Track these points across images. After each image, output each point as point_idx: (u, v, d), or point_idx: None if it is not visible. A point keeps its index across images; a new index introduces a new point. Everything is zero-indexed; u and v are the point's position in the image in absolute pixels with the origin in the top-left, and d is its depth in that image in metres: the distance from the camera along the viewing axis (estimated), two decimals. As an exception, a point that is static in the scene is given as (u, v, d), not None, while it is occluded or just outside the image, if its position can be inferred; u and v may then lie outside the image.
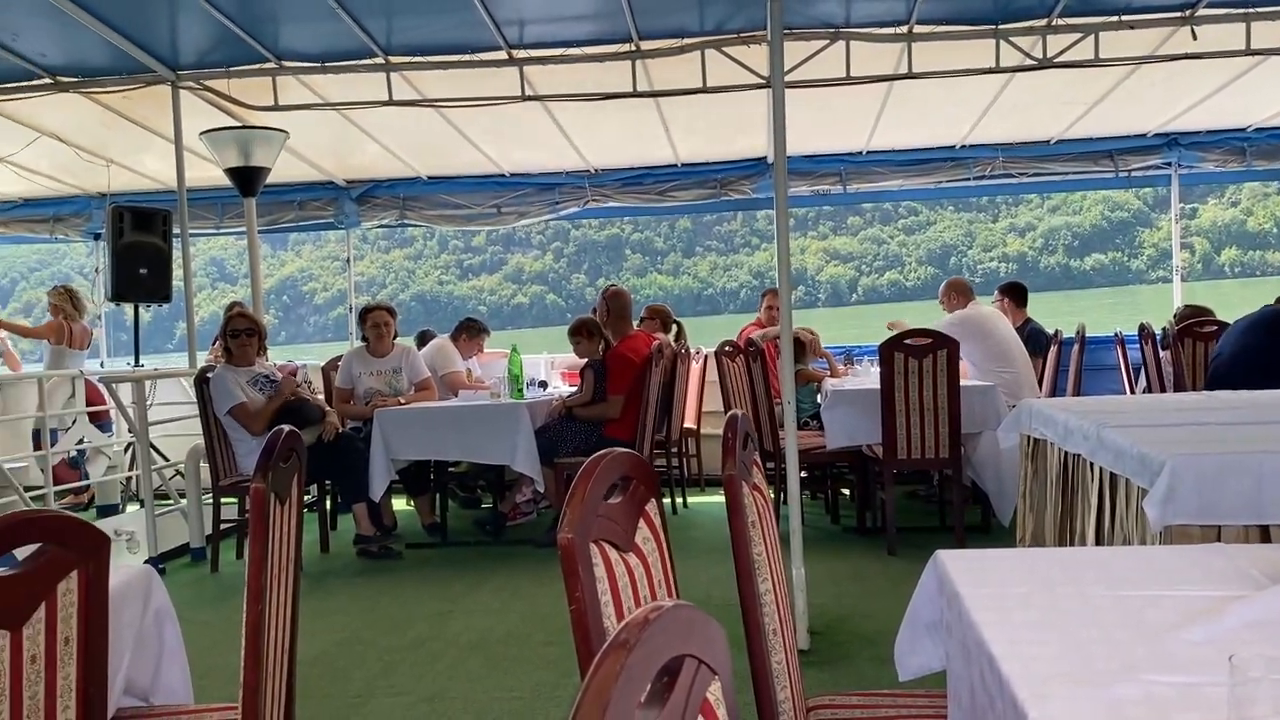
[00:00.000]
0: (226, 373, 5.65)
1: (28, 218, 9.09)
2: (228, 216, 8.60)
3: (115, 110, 6.67)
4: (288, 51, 5.86)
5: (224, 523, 5.73)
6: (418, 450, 5.74)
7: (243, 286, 38.68)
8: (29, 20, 5.46)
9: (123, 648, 2.02)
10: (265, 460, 1.96)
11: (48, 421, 6.92)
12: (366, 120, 6.96)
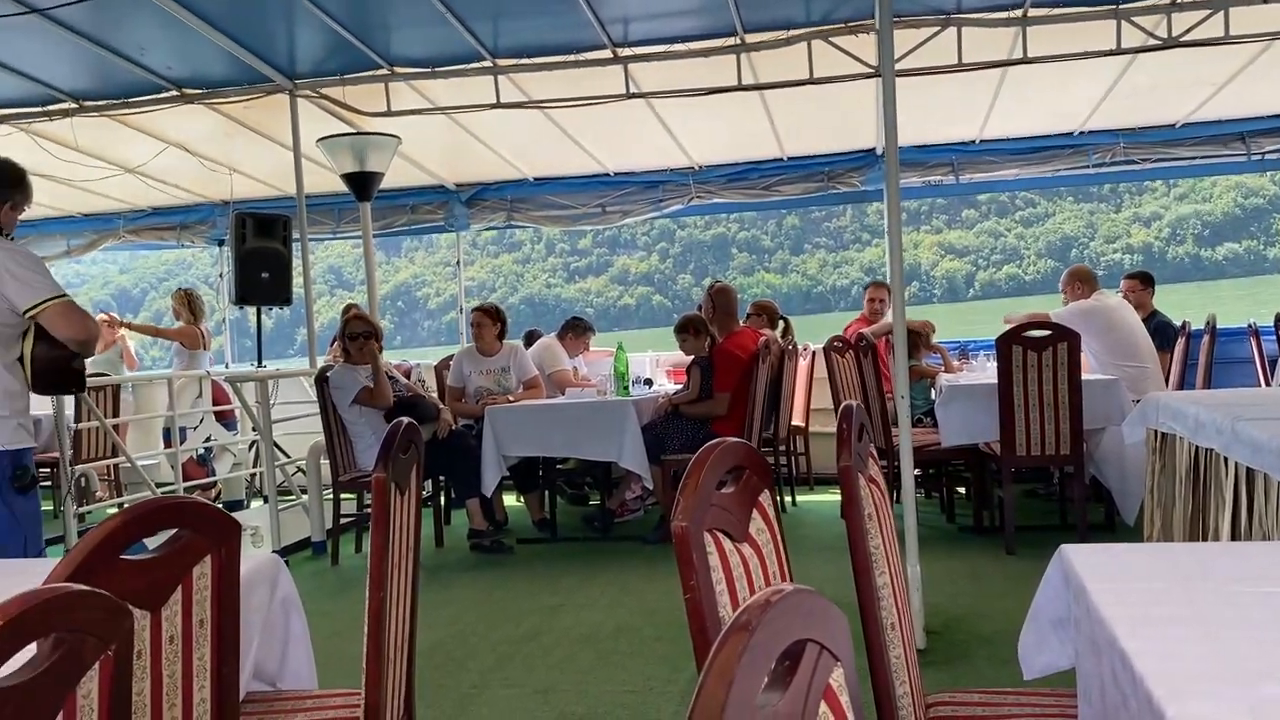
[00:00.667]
0: (344, 371, 5.82)
1: (157, 226, 9.51)
2: (344, 221, 8.86)
3: (236, 120, 6.93)
4: (399, 57, 6.00)
5: (343, 517, 5.91)
6: (527, 447, 5.82)
7: (359, 292, 39.90)
8: (156, 35, 5.71)
9: (252, 633, 2.09)
10: (386, 451, 2.00)
11: (177, 420, 7.24)
12: (474, 123, 7.09)
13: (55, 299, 3.16)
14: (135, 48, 5.77)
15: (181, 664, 1.54)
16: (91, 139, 7.05)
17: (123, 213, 9.28)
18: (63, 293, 3.19)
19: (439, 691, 3.57)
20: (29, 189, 3.40)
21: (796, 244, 59.42)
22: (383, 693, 1.97)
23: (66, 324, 3.18)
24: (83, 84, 6.36)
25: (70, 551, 1.35)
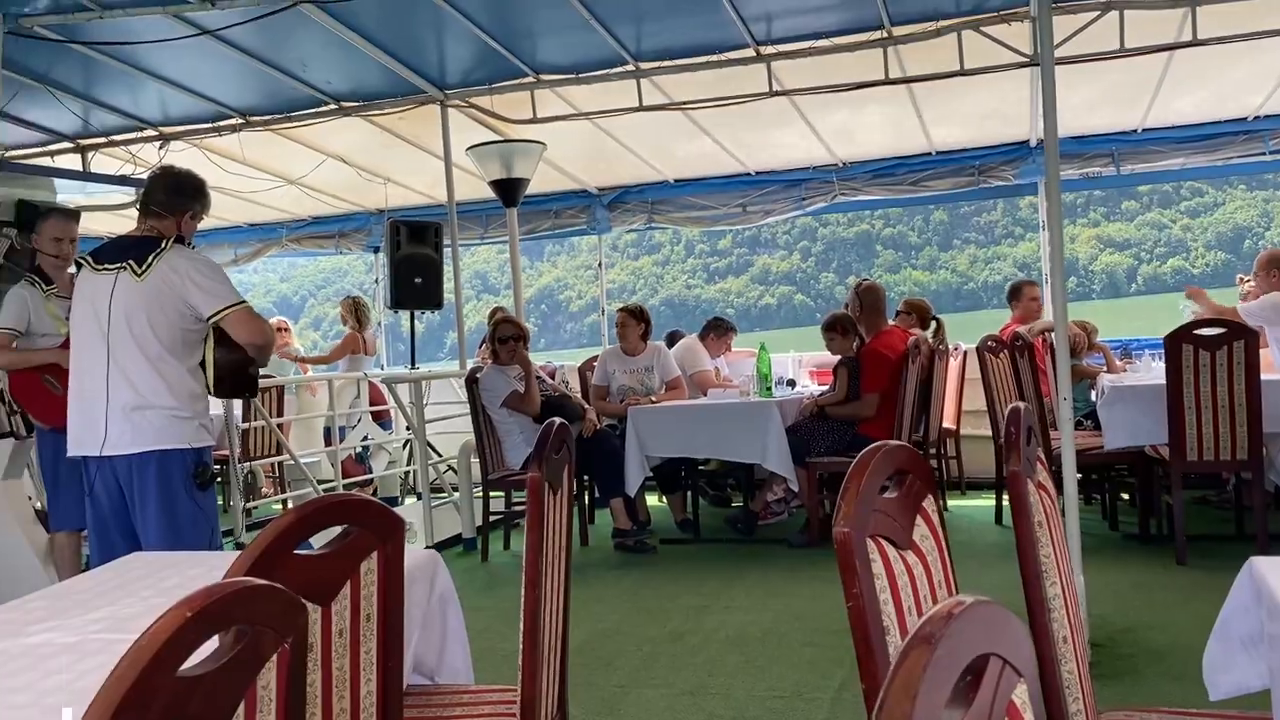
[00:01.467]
0: (494, 372, 5.95)
1: (316, 234, 9.96)
2: (490, 227, 9.08)
3: (390, 131, 7.20)
4: (545, 65, 6.11)
5: (493, 514, 6.05)
6: (670, 448, 5.83)
7: (504, 296, 40.86)
8: (317, 51, 5.98)
9: (412, 627, 2.14)
10: (540, 451, 2.03)
11: (336, 420, 7.56)
12: (616, 126, 7.15)
13: (236, 305, 3.32)
14: (298, 64, 6.05)
15: (349, 657, 1.59)
16: (257, 152, 7.43)
17: (285, 222, 9.75)
18: (242, 299, 3.36)
19: (587, 689, 3.60)
20: (208, 199, 3.59)
21: (945, 239, 57.36)
22: (538, 689, 2.00)
23: (246, 329, 3.35)
24: (249, 100, 6.71)
25: (248, 547, 1.41)
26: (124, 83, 6.37)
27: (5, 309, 4.56)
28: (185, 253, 3.37)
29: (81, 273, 3.42)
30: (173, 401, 3.31)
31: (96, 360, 3.31)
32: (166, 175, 3.57)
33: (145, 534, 3.29)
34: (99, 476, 3.33)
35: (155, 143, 7.13)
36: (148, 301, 3.28)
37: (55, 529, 4.77)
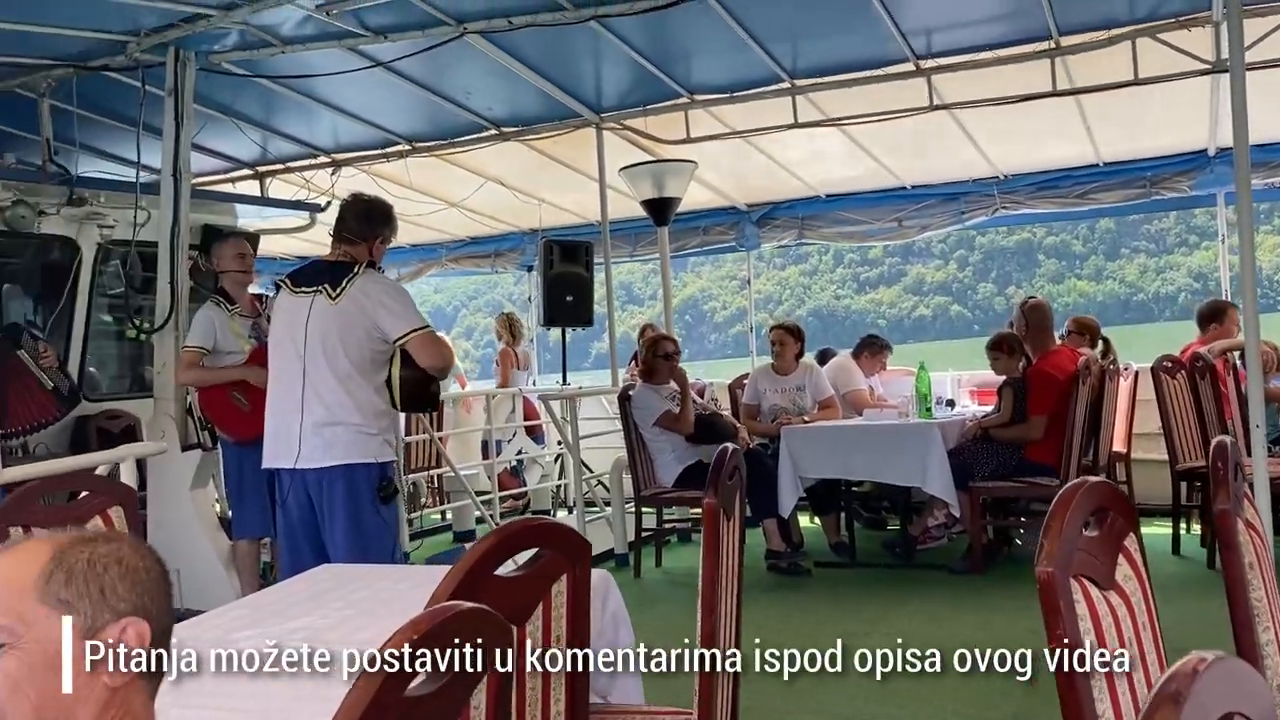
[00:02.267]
0: (646, 391, 6.01)
1: (473, 254, 10.28)
2: (640, 245, 9.17)
3: (546, 154, 7.38)
4: (699, 85, 6.16)
5: (644, 531, 6.10)
6: (825, 469, 5.76)
7: (649, 307, 41.01)
8: (480, 80, 6.19)
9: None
10: (716, 476, 2.04)
11: (493, 434, 7.78)
12: (767, 143, 7.14)
13: (420, 330, 3.49)
14: (462, 92, 6.27)
15: (541, 677, 1.63)
16: (422, 177, 7.73)
17: (444, 242, 10.09)
18: (426, 324, 3.52)
19: (747, 714, 3.57)
20: (395, 224, 3.77)
21: (1112, 248, 53.90)
22: (713, 712, 2.01)
23: (428, 352, 3.51)
24: (415, 127, 6.99)
25: (452, 568, 1.46)
26: (300, 113, 6.73)
27: (194, 329, 4.87)
28: (376, 278, 3.55)
29: (280, 295, 3.64)
30: (360, 418, 3.48)
31: (292, 378, 3.51)
32: (358, 203, 3.75)
33: (333, 544, 3.46)
34: (291, 488, 3.51)
35: (328, 169, 7.49)
36: (340, 323, 3.47)
37: (237, 537, 5.05)
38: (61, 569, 1.14)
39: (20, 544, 1.18)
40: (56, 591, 1.12)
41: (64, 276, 6.22)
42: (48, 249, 6.22)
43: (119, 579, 1.16)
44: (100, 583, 1.14)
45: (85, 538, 1.18)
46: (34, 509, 2.60)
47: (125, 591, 1.16)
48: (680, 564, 6.20)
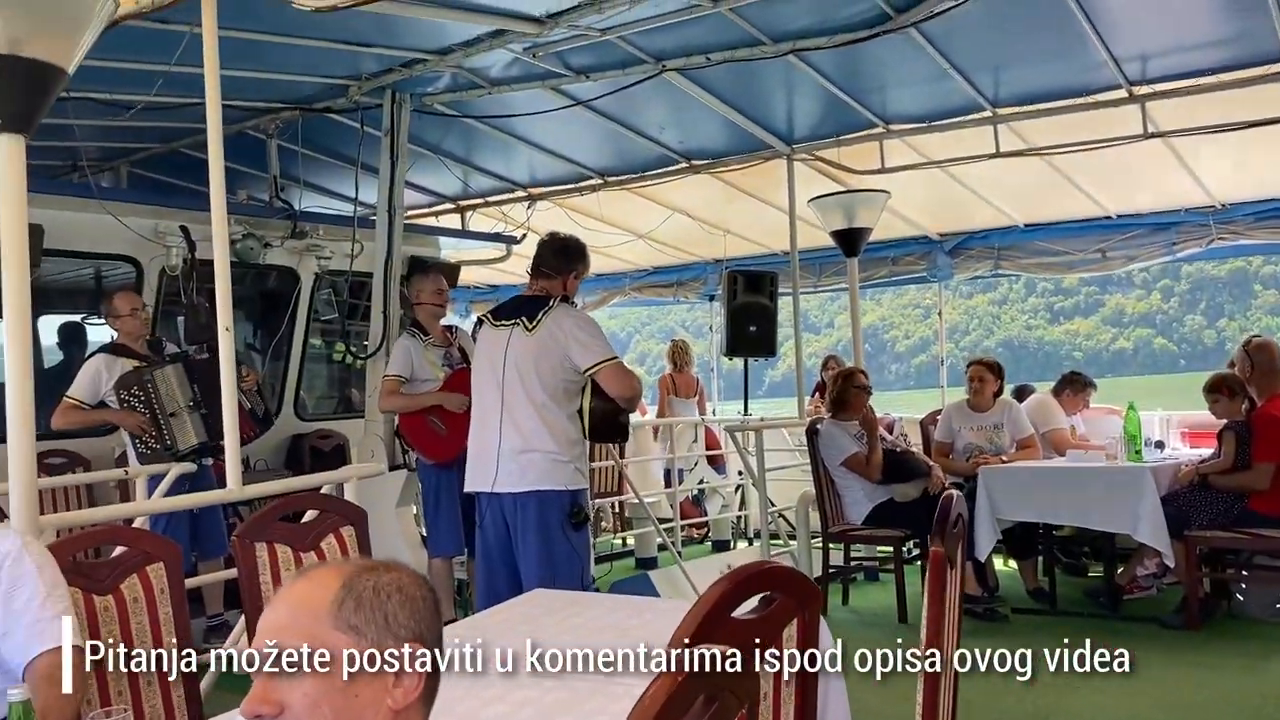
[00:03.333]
0: (834, 428, 5.92)
1: (655, 284, 10.42)
2: (825, 274, 9.08)
3: (734, 185, 7.42)
4: (895, 115, 6.08)
5: (831, 568, 6.00)
6: (1026, 512, 5.52)
7: (825, 335, 40.42)
8: (672, 114, 6.31)
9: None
10: (942, 525, 1.99)
11: (675, 463, 7.84)
12: (963, 172, 6.96)
13: (609, 361, 3.59)
14: (655, 127, 6.40)
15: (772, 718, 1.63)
16: (612, 209, 7.92)
17: (628, 272, 10.27)
18: (615, 355, 3.62)
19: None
20: (588, 260, 3.92)
21: (1339, 277, 49.19)
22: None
23: (618, 383, 3.61)
24: (607, 161, 7.18)
25: (691, 611, 1.48)
26: (499, 150, 7.02)
27: (394, 358, 5.14)
28: (569, 311, 3.68)
29: (483, 329, 3.82)
30: (554, 446, 3.61)
31: (492, 407, 3.67)
32: (554, 241, 3.91)
33: (525, 566, 3.58)
34: (488, 511, 3.67)
35: (524, 202, 7.78)
36: (535, 354, 3.61)
37: (433, 555, 5.27)
38: (351, 596, 1.22)
39: (313, 571, 1.27)
40: (347, 617, 1.21)
41: (284, 304, 6.68)
42: (271, 278, 6.70)
43: (400, 606, 1.23)
44: (384, 610, 1.22)
45: (370, 566, 1.27)
46: (276, 526, 2.79)
47: (406, 619, 1.23)
48: (868, 602, 6.07)
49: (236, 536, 2.74)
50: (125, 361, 4.99)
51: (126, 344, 5.07)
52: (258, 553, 2.73)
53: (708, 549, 8.08)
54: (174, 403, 4.98)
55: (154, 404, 4.90)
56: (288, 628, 1.20)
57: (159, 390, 4.91)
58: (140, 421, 4.88)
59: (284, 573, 2.78)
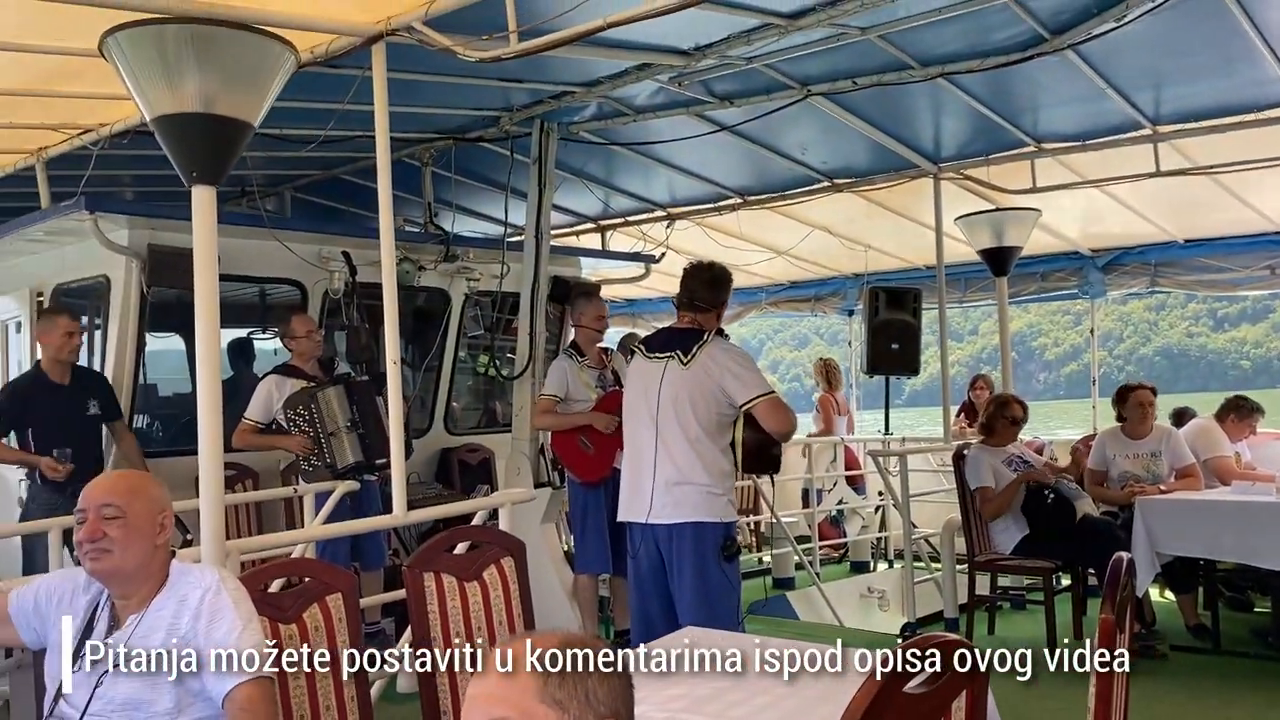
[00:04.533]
0: (982, 454, 5.78)
1: (793, 298, 10.38)
2: (970, 290, 8.88)
3: (878, 203, 7.34)
4: (1047, 134, 5.92)
5: (976, 596, 5.86)
6: (1187, 546, 5.28)
7: (968, 343, 39.10)
8: (815, 135, 6.28)
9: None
10: (1112, 591, 1.96)
11: (814, 482, 7.79)
12: (1118, 187, 6.71)
13: (765, 395, 3.61)
14: (797, 149, 6.39)
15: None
16: (750, 227, 7.93)
17: (765, 287, 10.26)
18: (771, 390, 3.64)
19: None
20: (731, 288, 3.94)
21: None
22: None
23: (774, 418, 3.63)
24: (747, 182, 7.20)
25: (864, 685, 1.50)
26: (639, 172, 7.13)
27: (550, 378, 5.29)
28: (723, 345, 3.72)
29: (635, 359, 3.89)
30: (708, 478, 3.65)
31: (646, 438, 3.73)
32: (703, 272, 3.91)
33: (680, 597, 3.64)
34: (643, 541, 3.73)
35: (663, 222, 7.87)
36: (690, 388, 3.66)
37: (579, 571, 5.39)
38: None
39: (518, 643, 1.35)
40: (553, 691, 1.28)
41: (436, 324, 6.94)
42: (423, 299, 6.97)
43: (598, 683, 1.30)
44: (586, 685, 1.29)
45: (570, 639, 1.34)
46: (443, 557, 2.93)
47: (604, 695, 1.30)
48: (1015, 632, 5.92)
49: (407, 567, 2.89)
50: (294, 382, 5.28)
51: (297, 365, 5.37)
52: (426, 582, 2.87)
53: (846, 569, 8.02)
54: (334, 423, 5.25)
55: (316, 423, 5.17)
56: (499, 698, 1.28)
57: (321, 410, 5.18)
58: (304, 444, 5.15)
59: (449, 601, 2.91)
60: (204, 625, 2.23)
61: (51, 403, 4.97)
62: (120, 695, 2.18)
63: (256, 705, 2.15)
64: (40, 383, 5.04)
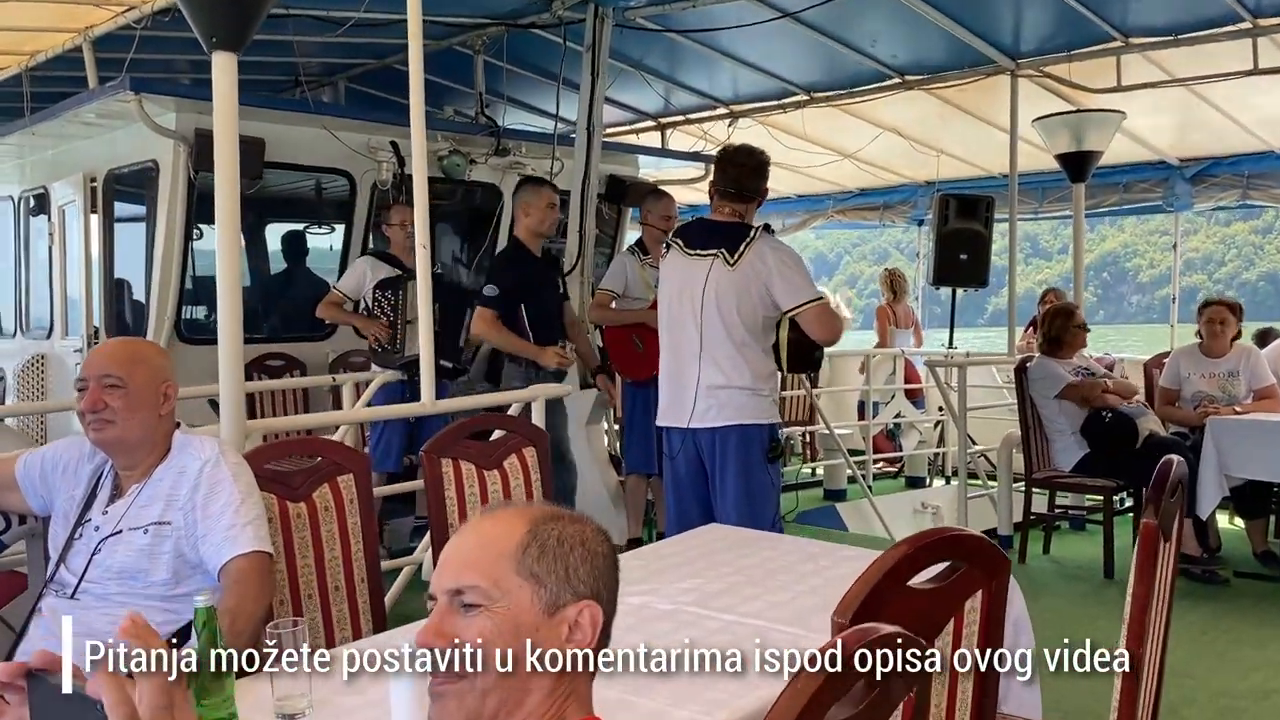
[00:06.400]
0: (1048, 362, 5.54)
1: (861, 206, 10.03)
2: (1048, 200, 8.48)
3: (951, 102, 6.97)
4: (1135, 27, 5.51)
5: (1032, 515, 5.68)
6: (1260, 469, 5.01)
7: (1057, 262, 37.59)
8: (886, 26, 5.96)
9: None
10: (1157, 493, 1.78)
11: (871, 395, 7.60)
12: (1211, 91, 6.27)
13: (814, 301, 3.45)
14: (867, 39, 6.07)
15: (946, 697, 1.51)
16: (817, 127, 7.62)
17: (832, 194, 9.93)
18: (820, 295, 3.48)
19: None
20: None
21: None
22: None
23: (822, 326, 3.49)
24: (814, 77, 6.88)
25: (860, 578, 1.37)
26: (702, 65, 6.85)
27: (610, 273, 5.16)
28: (772, 243, 3.53)
29: (670, 254, 3.67)
30: (752, 381, 3.51)
31: (689, 340, 3.55)
32: (749, 158, 3.67)
33: (722, 500, 3.51)
34: (682, 446, 3.59)
35: (725, 120, 7.59)
36: (737, 289, 3.48)
37: (628, 471, 5.33)
38: (535, 543, 1.19)
39: (500, 512, 1.25)
40: (530, 564, 1.18)
41: (487, 220, 6.83)
42: (474, 195, 6.84)
43: (581, 561, 1.20)
44: (566, 562, 1.19)
45: (555, 514, 1.23)
46: (463, 444, 2.84)
47: (585, 574, 1.20)
48: (1071, 553, 5.73)
49: (424, 451, 2.81)
50: (387, 267, 5.27)
51: (393, 253, 5.34)
52: (444, 468, 2.80)
53: (901, 484, 7.85)
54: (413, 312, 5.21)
55: (399, 308, 5.15)
56: (472, 564, 1.19)
57: (405, 298, 5.14)
58: (381, 328, 5.14)
59: (467, 489, 2.84)
60: (202, 496, 2.17)
61: (539, 279, 4.70)
62: (117, 564, 2.15)
63: (250, 578, 2.09)
64: (525, 257, 4.65)
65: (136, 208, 5.91)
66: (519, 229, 4.70)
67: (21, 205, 6.94)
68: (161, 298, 5.50)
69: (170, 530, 2.16)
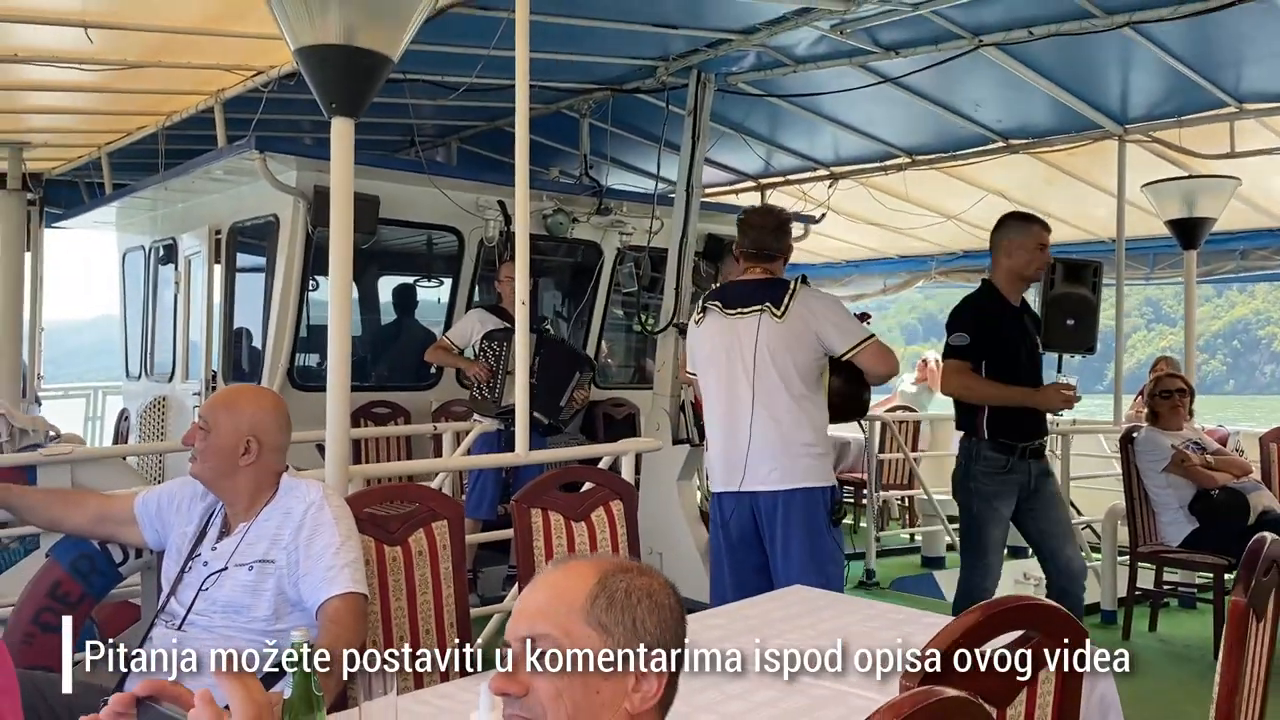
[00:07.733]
0: (1153, 435, 5.38)
1: (965, 268, 9.88)
2: (1159, 266, 8.27)
3: (1056, 166, 6.89)
4: (1250, 93, 5.38)
5: (1138, 590, 5.48)
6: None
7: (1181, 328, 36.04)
8: (990, 91, 5.94)
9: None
10: (1247, 572, 1.74)
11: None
12: (1335, 156, 6.07)
13: (868, 340, 3.45)
14: (970, 105, 6.06)
15: (1019, 770, 1.50)
16: (919, 190, 7.60)
17: (934, 254, 9.84)
18: (871, 333, 3.47)
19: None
20: None
21: None
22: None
23: (881, 361, 3.48)
24: (916, 140, 6.88)
25: (931, 641, 1.38)
26: (802, 128, 6.92)
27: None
28: (815, 293, 3.55)
29: (708, 317, 3.61)
30: (813, 437, 3.47)
31: (741, 400, 3.49)
32: (769, 218, 3.70)
33: (786, 566, 3.40)
34: (735, 511, 3.50)
35: (825, 181, 7.63)
36: (789, 340, 3.46)
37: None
38: (604, 594, 1.25)
39: (572, 563, 1.31)
40: (599, 615, 1.24)
41: (588, 277, 6.99)
42: (577, 252, 7.02)
43: (648, 612, 1.25)
44: (634, 613, 1.24)
45: (625, 567, 1.29)
46: (553, 495, 2.92)
47: (652, 625, 1.25)
48: (1179, 631, 5.49)
49: (515, 500, 2.89)
50: (496, 320, 5.47)
51: (503, 307, 5.54)
52: (533, 518, 2.87)
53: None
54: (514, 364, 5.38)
55: (502, 358, 5.31)
56: (543, 614, 1.24)
57: (510, 350, 5.29)
58: (484, 371, 5.32)
59: (555, 539, 2.91)
60: (305, 537, 2.28)
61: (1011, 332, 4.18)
62: (223, 598, 2.27)
63: (345, 618, 2.19)
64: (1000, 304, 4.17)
65: (257, 259, 6.23)
66: (997, 272, 4.24)
67: (152, 255, 7.37)
68: (277, 345, 5.77)
69: (273, 569, 2.27)
